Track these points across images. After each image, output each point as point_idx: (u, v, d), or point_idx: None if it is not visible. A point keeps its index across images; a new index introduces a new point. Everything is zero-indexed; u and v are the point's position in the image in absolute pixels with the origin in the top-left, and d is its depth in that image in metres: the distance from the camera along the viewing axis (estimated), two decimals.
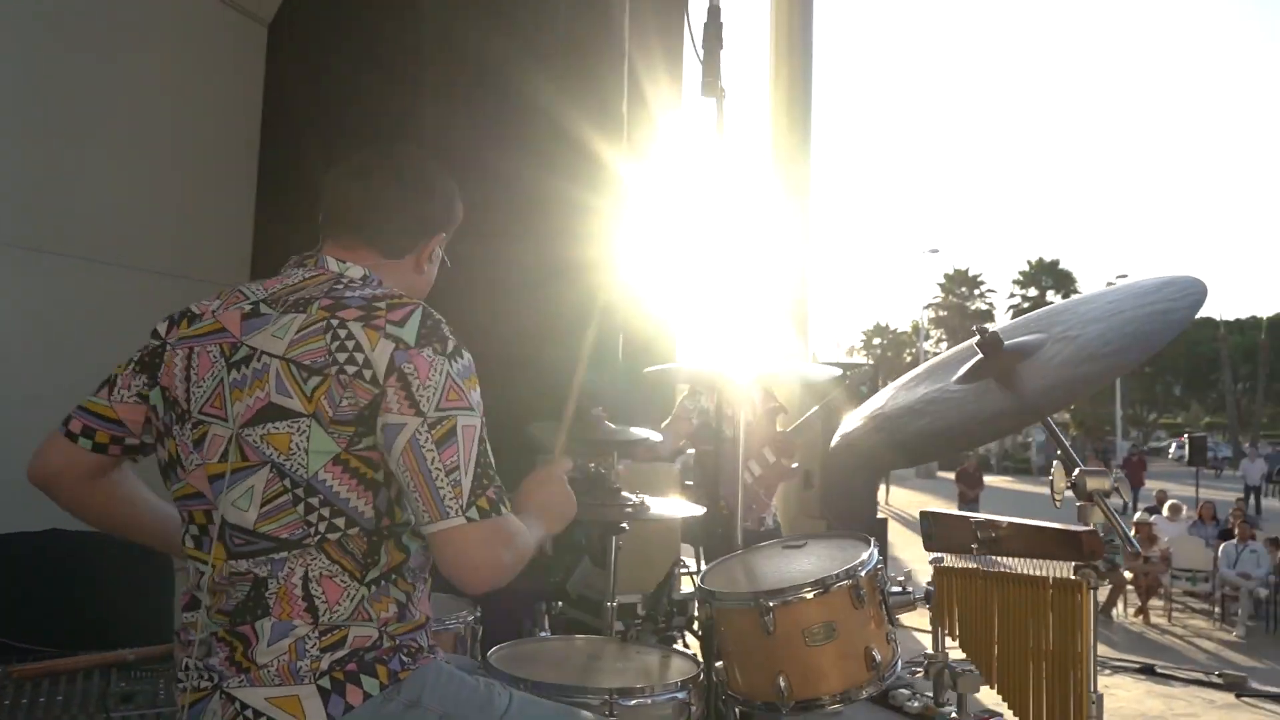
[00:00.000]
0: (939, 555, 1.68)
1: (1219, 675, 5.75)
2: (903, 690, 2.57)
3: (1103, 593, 9.38)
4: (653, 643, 2.31)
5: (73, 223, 3.28)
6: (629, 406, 3.62)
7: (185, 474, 1.57)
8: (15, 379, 3.13)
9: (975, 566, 1.56)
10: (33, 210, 3.14)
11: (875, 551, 2.02)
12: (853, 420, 1.89)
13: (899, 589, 2.04)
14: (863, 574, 1.96)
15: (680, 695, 1.91)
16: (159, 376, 1.63)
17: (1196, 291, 1.53)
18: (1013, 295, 54.87)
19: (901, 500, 21.99)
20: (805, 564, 2.13)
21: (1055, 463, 1.44)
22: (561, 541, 3.25)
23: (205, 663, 1.51)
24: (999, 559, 1.48)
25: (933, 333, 55.21)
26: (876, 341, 60.26)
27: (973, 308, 55.42)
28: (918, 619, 2.14)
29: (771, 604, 1.95)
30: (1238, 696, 5.38)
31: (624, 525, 2.36)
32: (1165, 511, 12.77)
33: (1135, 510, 15.21)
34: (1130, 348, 1.44)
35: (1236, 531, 10.93)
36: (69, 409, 1.69)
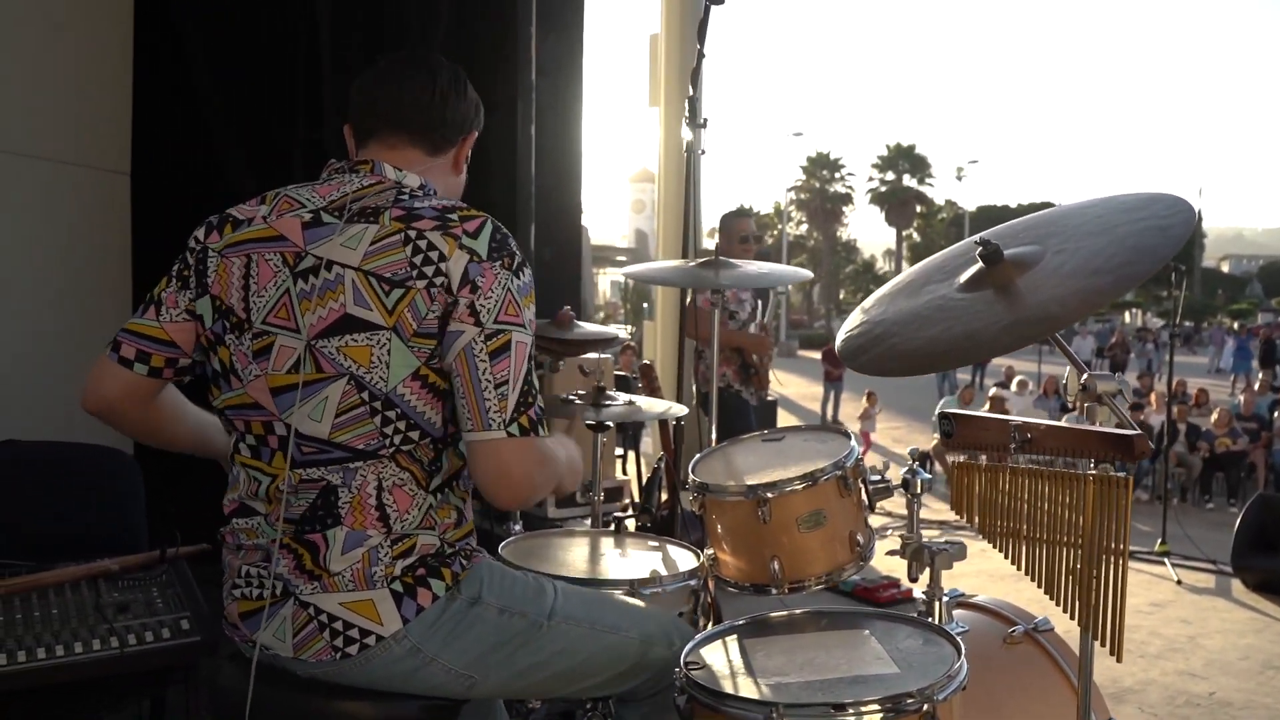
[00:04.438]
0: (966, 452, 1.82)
1: None
2: None
3: None
4: (644, 534, 2.43)
5: None
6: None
7: (242, 384, 1.56)
8: None
9: (999, 465, 1.70)
10: None
11: (855, 444, 2.19)
12: (852, 322, 1.98)
13: (878, 478, 2.21)
14: (849, 465, 2.12)
15: (692, 583, 2.04)
16: (208, 285, 1.58)
17: (1185, 209, 1.67)
18: (871, 179, 56.38)
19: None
20: (789, 456, 2.27)
21: (1068, 367, 1.60)
22: None
23: (271, 569, 1.53)
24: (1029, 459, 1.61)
25: (795, 214, 56.34)
26: None
27: (833, 190, 56.70)
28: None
29: (769, 495, 2.08)
30: None
31: (609, 424, 2.44)
32: (1014, 387, 13.76)
33: (986, 386, 16.34)
34: (1137, 261, 1.57)
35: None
36: None
